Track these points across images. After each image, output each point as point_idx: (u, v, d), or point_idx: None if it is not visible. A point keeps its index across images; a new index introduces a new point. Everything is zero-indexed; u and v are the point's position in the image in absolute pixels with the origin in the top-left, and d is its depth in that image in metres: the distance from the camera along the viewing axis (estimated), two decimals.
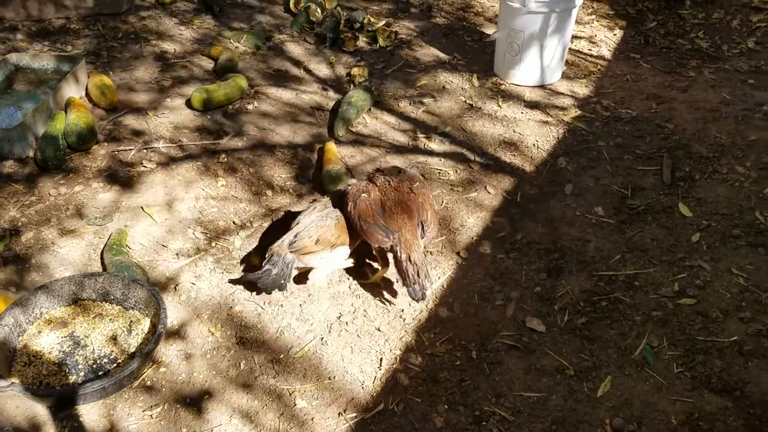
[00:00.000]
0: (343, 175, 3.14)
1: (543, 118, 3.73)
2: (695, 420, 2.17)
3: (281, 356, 2.42)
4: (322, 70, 4.17)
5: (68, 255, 2.78)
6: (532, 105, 3.85)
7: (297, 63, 4.21)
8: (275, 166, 3.34)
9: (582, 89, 4.00)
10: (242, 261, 2.79)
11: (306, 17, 4.56)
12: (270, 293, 2.56)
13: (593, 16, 4.86)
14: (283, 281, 2.53)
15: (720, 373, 2.30)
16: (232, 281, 2.70)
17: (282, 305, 2.61)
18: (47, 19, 4.48)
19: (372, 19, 4.58)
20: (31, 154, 3.26)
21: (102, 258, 2.74)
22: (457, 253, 2.86)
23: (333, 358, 2.42)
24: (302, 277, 2.68)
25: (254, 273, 2.56)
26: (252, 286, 2.64)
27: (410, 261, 2.47)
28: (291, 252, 2.55)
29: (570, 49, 4.28)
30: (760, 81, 3.99)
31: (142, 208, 3.02)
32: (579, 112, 3.77)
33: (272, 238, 2.77)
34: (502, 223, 3.02)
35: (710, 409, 2.20)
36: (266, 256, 2.58)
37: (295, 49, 4.35)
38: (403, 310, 2.61)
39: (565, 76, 4.12)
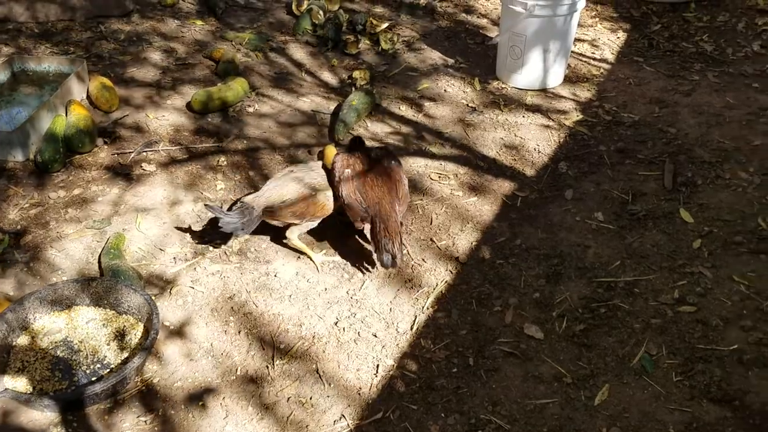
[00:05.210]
0: None
1: (544, 122, 3.71)
2: (694, 430, 2.15)
3: (278, 362, 2.41)
4: (324, 72, 4.16)
5: (66, 258, 2.78)
6: (534, 109, 3.83)
7: (299, 65, 4.20)
8: (275, 169, 3.33)
9: (584, 93, 3.98)
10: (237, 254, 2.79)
11: (308, 20, 4.55)
12: (226, 233, 2.67)
13: (596, 19, 4.83)
14: (242, 230, 2.65)
15: (719, 383, 2.28)
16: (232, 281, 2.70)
17: (280, 311, 2.60)
18: (51, 21, 4.48)
19: (374, 22, 4.57)
20: (31, 156, 3.27)
21: (99, 262, 2.73)
22: (456, 259, 2.84)
23: (329, 364, 2.41)
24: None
25: (220, 209, 2.66)
26: (213, 220, 2.77)
27: (386, 231, 2.62)
28: (264, 215, 2.70)
29: (572, 52, 4.26)
30: (766, 85, 3.96)
31: (138, 211, 3.02)
32: (581, 116, 3.74)
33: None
34: (501, 228, 3.00)
35: (709, 419, 2.17)
36: (239, 203, 2.71)
37: (297, 51, 4.35)
38: (400, 317, 2.59)
39: (567, 79, 4.10)
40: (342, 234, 2.90)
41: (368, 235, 2.68)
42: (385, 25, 4.58)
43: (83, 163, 3.29)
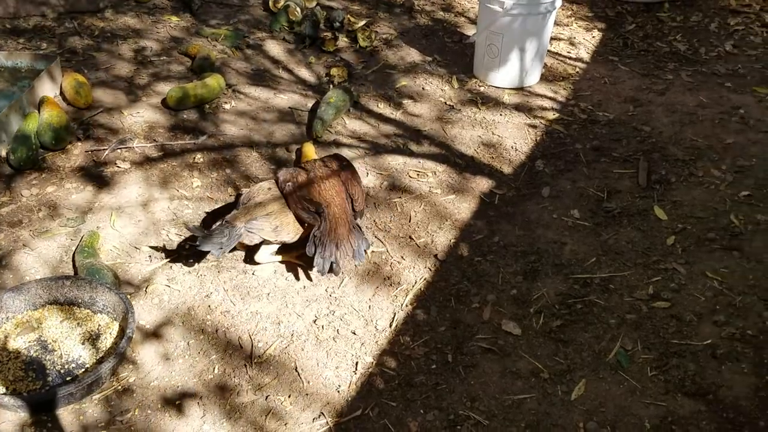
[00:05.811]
0: None
1: (522, 120, 3.73)
2: (668, 424, 2.18)
3: (255, 360, 2.40)
4: (302, 69, 4.14)
5: (39, 257, 2.73)
6: (511, 107, 3.85)
7: (276, 62, 4.18)
8: (252, 166, 3.31)
9: (560, 91, 4.01)
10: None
11: (285, 16, 4.52)
12: (202, 251, 2.60)
13: (572, 18, 4.88)
14: (221, 249, 2.54)
15: (693, 377, 2.31)
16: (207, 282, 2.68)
17: (258, 309, 2.59)
18: (22, 16, 4.40)
19: (352, 19, 4.56)
20: (3, 153, 3.21)
21: (74, 260, 2.69)
22: (435, 256, 2.85)
23: (308, 362, 2.40)
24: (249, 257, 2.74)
25: (201, 229, 2.58)
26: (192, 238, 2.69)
27: (335, 233, 2.61)
28: (246, 231, 2.60)
29: (549, 51, 4.29)
30: (737, 84, 4.03)
31: (113, 210, 2.98)
32: (557, 115, 3.77)
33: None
34: (479, 225, 3.02)
35: (683, 413, 2.21)
36: (219, 222, 2.62)
37: (274, 48, 4.32)
38: (379, 314, 2.59)
39: (543, 78, 4.13)
40: None
41: (312, 238, 2.60)
42: (362, 23, 4.57)
43: (56, 160, 3.24)
